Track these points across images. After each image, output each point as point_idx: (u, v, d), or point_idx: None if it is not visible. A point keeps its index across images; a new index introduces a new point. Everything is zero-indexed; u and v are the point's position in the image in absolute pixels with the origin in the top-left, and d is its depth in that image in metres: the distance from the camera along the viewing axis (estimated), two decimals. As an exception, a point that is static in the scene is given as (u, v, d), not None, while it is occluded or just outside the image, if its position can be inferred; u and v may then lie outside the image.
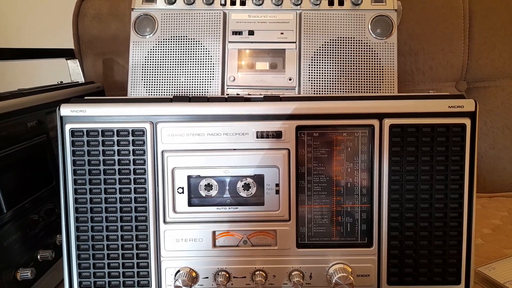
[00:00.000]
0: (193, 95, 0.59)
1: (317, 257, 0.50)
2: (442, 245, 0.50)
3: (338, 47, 0.70)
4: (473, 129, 0.48)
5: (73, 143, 0.48)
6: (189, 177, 0.50)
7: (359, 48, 0.70)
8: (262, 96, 0.50)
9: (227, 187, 0.50)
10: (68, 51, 0.82)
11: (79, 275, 0.50)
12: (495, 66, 0.92)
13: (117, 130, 0.48)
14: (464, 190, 0.49)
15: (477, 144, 0.49)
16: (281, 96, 0.50)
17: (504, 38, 0.91)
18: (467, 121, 0.48)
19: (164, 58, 0.71)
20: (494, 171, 0.93)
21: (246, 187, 0.50)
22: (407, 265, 0.50)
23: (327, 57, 0.69)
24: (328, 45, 0.70)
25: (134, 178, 0.49)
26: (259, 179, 0.50)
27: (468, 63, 0.92)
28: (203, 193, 0.50)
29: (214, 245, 0.51)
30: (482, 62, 0.92)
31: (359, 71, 0.69)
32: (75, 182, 0.49)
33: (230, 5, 0.72)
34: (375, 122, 0.49)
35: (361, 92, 0.69)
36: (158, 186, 0.49)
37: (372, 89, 0.69)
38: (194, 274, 0.50)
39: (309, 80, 0.69)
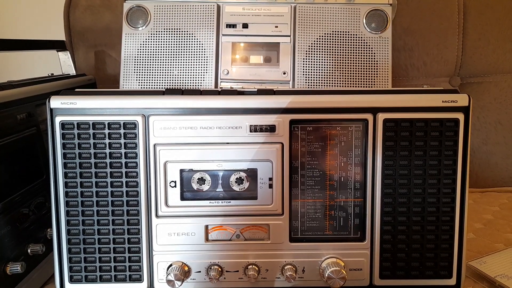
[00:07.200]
0: (186, 88, 0.58)
1: (310, 251, 0.50)
2: (435, 240, 0.50)
3: (332, 41, 0.69)
4: (466, 124, 0.48)
5: (63, 136, 0.48)
6: (181, 170, 0.49)
7: (353, 42, 0.69)
8: (255, 90, 0.50)
9: (220, 181, 0.50)
10: (59, 43, 0.81)
11: (70, 269, 0.49)
12: (489, 62, 0.92)
13: (109, 123, 0.48)
14: (456, 185, 0.49)
15: (470, 139, 0.49)
16: (275, 90, 0.50)
17: (498, 34, 0.91)
18: (460, 116, 0.48)
19: (157, 50, 0.70)
20: (487, 166, 0.93)
21: (239, 181, 0.50)
22: (399, 259, 0.50)
23: (322, 51, 0.69)
24: (322, 39, 0.69)
25: (126, 172, 0.48)
26: (252, 173, 0.50)
27: (462, 58, 0.92)
28: (195, 187, 0.50)
29: (207, 239, 0.50)
30: (476, 57, 0.92)
31: (353, 66, 0.69)
32: (65, 175, 0.48)
33: (224, -3, 0.71)
34: (369, 117, 0.48)
35: (355, 86, 0.68)
36: (150, 180, 0.49)
37: (366, 84, 0.69)
38: (186, 268, 0.50)
39: (303, 74, 0.69)
